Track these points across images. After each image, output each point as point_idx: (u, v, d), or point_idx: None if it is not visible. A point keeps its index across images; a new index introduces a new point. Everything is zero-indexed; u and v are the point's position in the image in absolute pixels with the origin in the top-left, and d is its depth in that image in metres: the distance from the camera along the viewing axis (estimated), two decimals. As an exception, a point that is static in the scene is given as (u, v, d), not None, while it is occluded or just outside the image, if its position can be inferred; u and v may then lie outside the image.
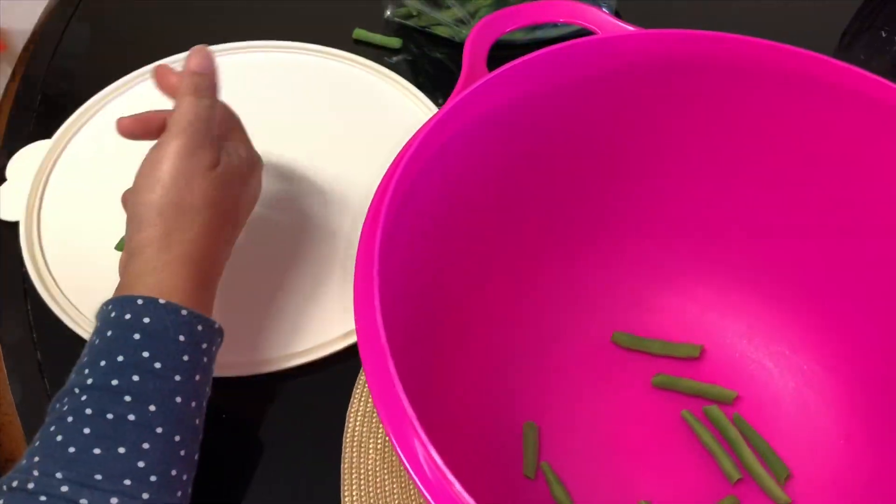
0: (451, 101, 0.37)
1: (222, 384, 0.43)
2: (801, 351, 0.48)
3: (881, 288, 0.44)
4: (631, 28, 0.42)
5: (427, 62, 0.68)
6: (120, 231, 0.42)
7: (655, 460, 0.45)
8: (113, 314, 0.37)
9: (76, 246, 0.52)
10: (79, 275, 0.51)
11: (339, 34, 0.68)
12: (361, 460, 0.45)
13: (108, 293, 0.49)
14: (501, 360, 0.48)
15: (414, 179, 0.36)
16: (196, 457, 0.38)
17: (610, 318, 0.50)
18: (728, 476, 0.44)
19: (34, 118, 0.60)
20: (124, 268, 0.40)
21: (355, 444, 0.45)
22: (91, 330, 0.46)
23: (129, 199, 0.41)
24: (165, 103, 0.44)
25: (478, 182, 0.42)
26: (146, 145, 0.42)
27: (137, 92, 0.62)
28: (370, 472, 0.44)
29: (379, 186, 0.35)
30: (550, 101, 0.41)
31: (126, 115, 0.43)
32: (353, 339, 0.49)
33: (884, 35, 0.80)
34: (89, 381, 0.35)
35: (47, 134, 0.58)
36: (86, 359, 0.37)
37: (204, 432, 0.39)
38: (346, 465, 0.44)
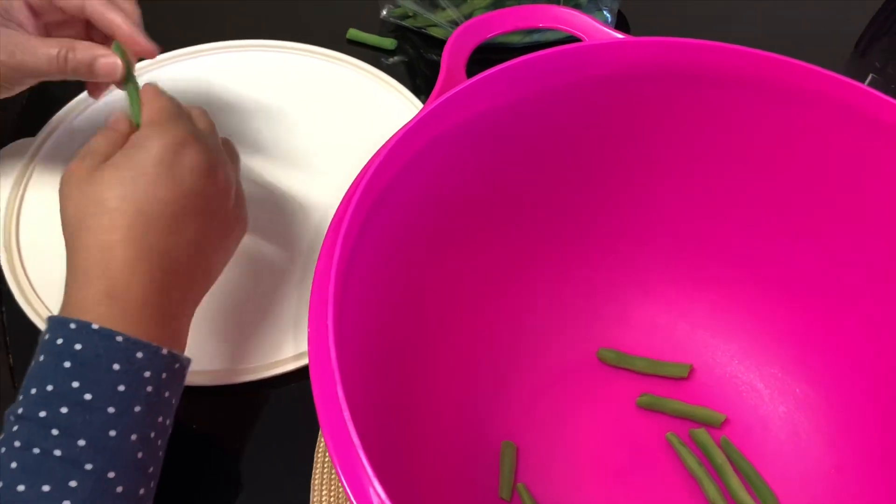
0: (426, 108, 0.36)
1: (195, 393, 0.42)
2: (794, 373, 0.46)
3: (881, 312, 0.42)
4: (617, 35, 0.40)
5: (423, 64, 0.67)
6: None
7: (638, 484, 0.43)
8: (47, 336, 0.35)
9: (57, 250, 0.51)
10: (58, 279, 0.50)
11: (333, 34, 0.67)
12: (332, 474, 0.43)
13: None
14: (480, 377, 0.46)
15: (383, 189, 0.35)
16: (144, 491, 0.35)
17: (595, 333, 0.48)
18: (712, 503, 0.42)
19: (18, 115, 0.59)
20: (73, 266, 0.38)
21: (327, 457, 0.44)
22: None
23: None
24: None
25: (453, 194, 0.40)
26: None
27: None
28: (341, 487, 0.43)
29: (343, 197, 0.34)
30: (531, 108, 0.40)
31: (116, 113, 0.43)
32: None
33: None
34: (20, 411, 0.33)
35: (31, 132, 0.57)
36: (24, 383, 0.35)
37: (169, 447, 0.38)
38: (316, 481, 0.43)
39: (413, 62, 0.67)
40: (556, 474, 0.44)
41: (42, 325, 0.47)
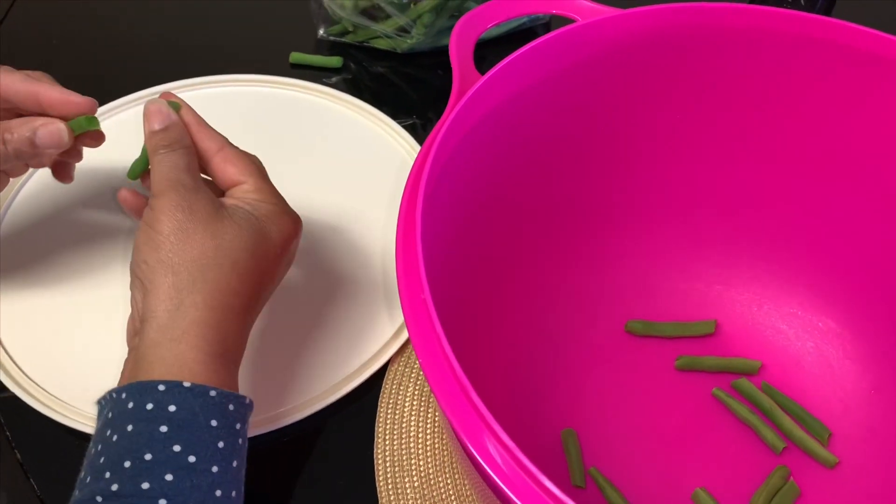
0: (454, 105, 0.35)
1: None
2: (811, 308, 0.48)
3: (879, 236, 0.45)
4: (610, 10, 0.41)
5: (369, 77, 0.66)
6: (81, 297, 0.37)
7: (698, 445, 0.44)
8: (130, 405, 0.32)
9: (36, 320, 0.47)
10: (45, 354, 0.46)
11: (275, 61, 0.65)
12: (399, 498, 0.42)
13: (81, 367, 0.45)
14: (521, 367, 0.46)
15: (431, 192, 0.34)
16: None
17: (619, 308, 0.49)
18: (772, 447, 0.43)
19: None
20: (134, 337, 0.36)
21: (390, 485, 0.42)
22: (64, 412, 0.43)
23: (134, 265, 0.37)
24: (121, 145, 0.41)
25: (484, 186, 0.40)
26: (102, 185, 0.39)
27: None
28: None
29: (402, 206, 0.33)
30: (543, 93, 0.40)
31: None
32: (362, 378, 0.45)
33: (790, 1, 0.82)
34: (114, 488, 0.30)
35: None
36: (102, 459, 0.32)
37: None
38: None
39: (358, 77, 0.66)
40: (618, 452, 0.44)
41: (43, 410, 0.43)
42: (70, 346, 0.46)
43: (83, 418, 0.43)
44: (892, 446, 0.43)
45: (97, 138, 0.44)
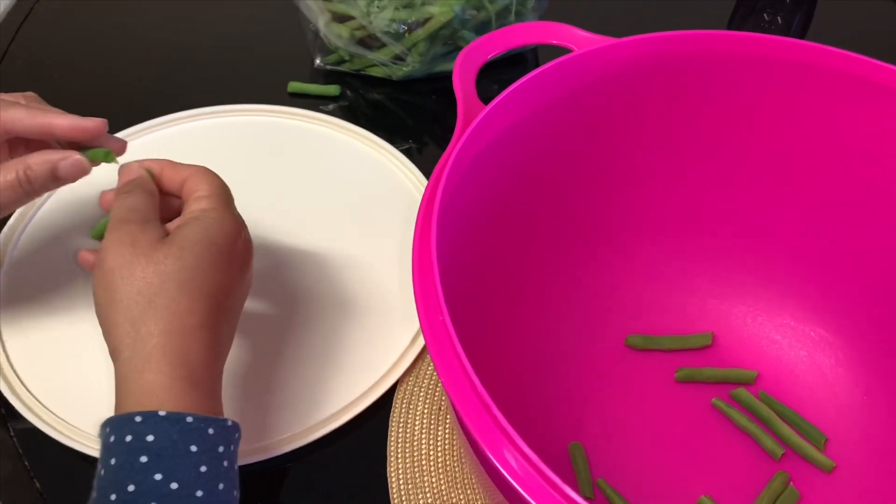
0: (461, 133, 0.37)
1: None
2: (803, 319, 0.50)
3: (867, 249, 0.47)
4: (605, 39, 0.43)
5: (365, 104, 0.67)
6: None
7: (700, 453, 0.46)
8: (112, 438, 0.33)
9: (51, 349, 0.48)
10: (60, 383, 0.47)
11: (274, 91, 0.67)
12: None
13: (96, 394, 0.45)
14: (527, 384, 0.47)
15: (442, 218, 0.35)
16: None
17: (619, 323, 0.50)
18: (772, 453, 0.45)
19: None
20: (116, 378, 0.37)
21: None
22: (80, 439, 0.44)
23: (96, 310, 0.38)
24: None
25: (490, 211, 0.41)
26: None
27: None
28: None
29: (417, 226, 0.34)
30: (543, 119, 0.42)
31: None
32: (373, 398, 0.47)
33: (767, 17, 0.85)
34: None
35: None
36: (94, 494, 0.33)
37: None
38: None
39: (354, 105, 0.67)
40: (624, 463, 0.45)
41: (59, 437, 0.43)
42: (85, 373, 0.47)
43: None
44: (886, 449, 0.45)
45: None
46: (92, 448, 0.43)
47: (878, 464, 0.44)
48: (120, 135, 0.61)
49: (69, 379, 0.47)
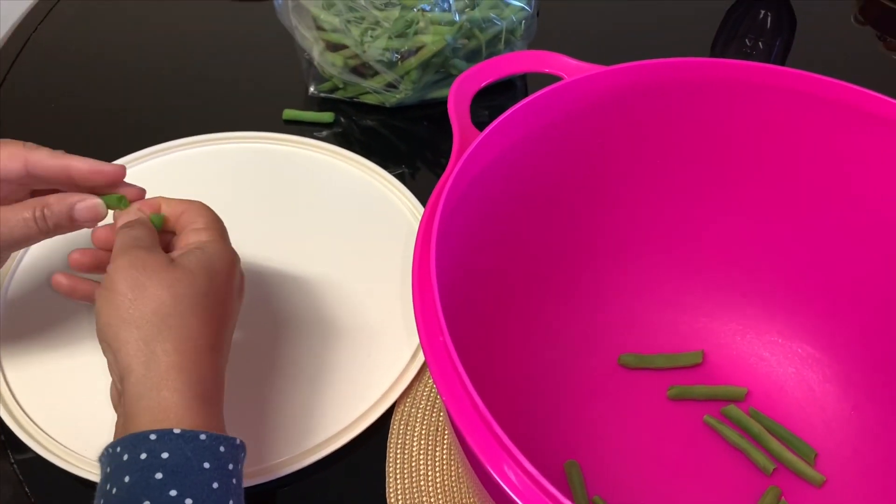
0: (457, 159, 0.38)
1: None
2: (791, 336, 0.51)
3: (850, 268, 0.48)
4: (595, 67, 0.44)
5: (359, 130, 0.69)
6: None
7: (694, 470, 0.46)
8: (126, 457, 0.34)
9: (54, 379, 0.48)
10: (58, 408, 0.47)
11: (269, 118, 0.68)
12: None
13: (88, 419, 0.46)
14: (523, 405, 0.48)
15: (440, 243, 0.36)
16: None
17: (612, 342, 0.51)
18: (763, 469, 0.46)
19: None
20: (119, 398, 0.37)
21: (404, 522, 0.44)
22: (80, 464, 0.44)
23: (99, 331, 0.39)
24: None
25: (485, 233, 0.42)
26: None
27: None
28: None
29: (415, 255, 0.35)
30: (535, 144, 0.43)
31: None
32: (370, 420, 0.47)
33: (749, 42, 0.88)
34: None
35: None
36: None
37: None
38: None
39: (348, 131, 0.69)
40: (619, 480, 0.46)
41: (61, 464, 0.44)
42: (84, 399, 0.47)
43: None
44: (874, 462, 0.46)
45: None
46: (92, 473, 0.44)
47: (867, 477, 0.45)
48: (117, 162, 0.61)
49: (69, 405, 0.47)
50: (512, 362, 0.48)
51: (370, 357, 0.51)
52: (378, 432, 0.48)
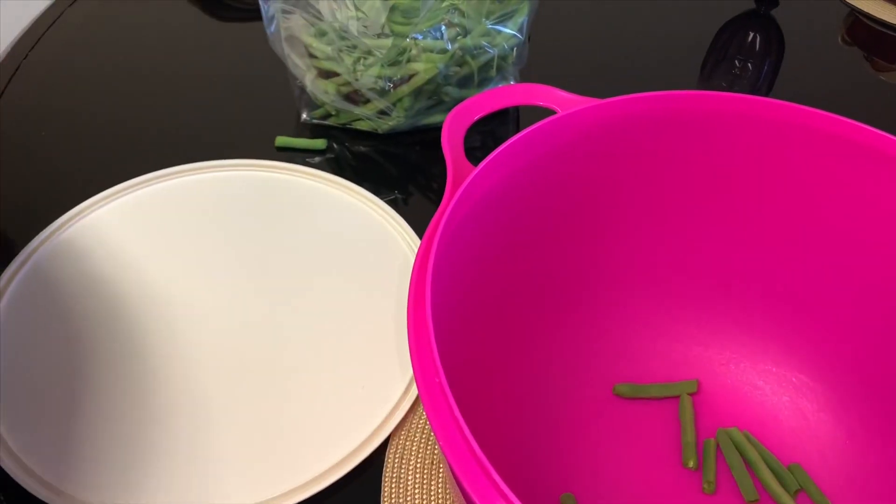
0: (451, 193, 0.38)
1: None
2: (785, 364, 0.51)
3: (843, 297, 0.48)
4: (587, 100, 0.44)
5: (351, 157, 0.69)
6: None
7: (693, 500, 0.46)
8: None
9: (37, 412, 0.48)
10: (46, 444, 0.47)
11: (261, 145, 0.68)
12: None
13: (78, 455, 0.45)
14: (518, 439, 0.48)
15: (435, 280, 0.36)
16: None
17: (607, 373, 0.51)
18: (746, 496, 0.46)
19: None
20: None
21: (399, 558, 0.44)
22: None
23: None
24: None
25: (479, 267, 0.42)
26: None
27: (67, 238, 0.58)
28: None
29: (411, 288, 0.35)
30: (529, 177, 0.43)
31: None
32: (362, 457, 0.47)
33: (738, 64, 0.88)
34: None
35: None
36: None
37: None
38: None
39: (341, 158, 0.69)
40: (615, 512, 0.46)
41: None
42: (74, 433, 0.47)
43: (94, 508, 0.44)
44: (869, 492, 0.46)
45: None
46: (84, 511, 0.43)
47: (863, 507, 0.45)
48: (108, 192, 0.61)
49: (58, 440, 0.47)
50: (508, 395, 0.48)
51: (364, 389, 0.50)
52: (372, 465, 0.47)
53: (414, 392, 0.50)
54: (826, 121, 0.43)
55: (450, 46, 0.62)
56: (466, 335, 0.42)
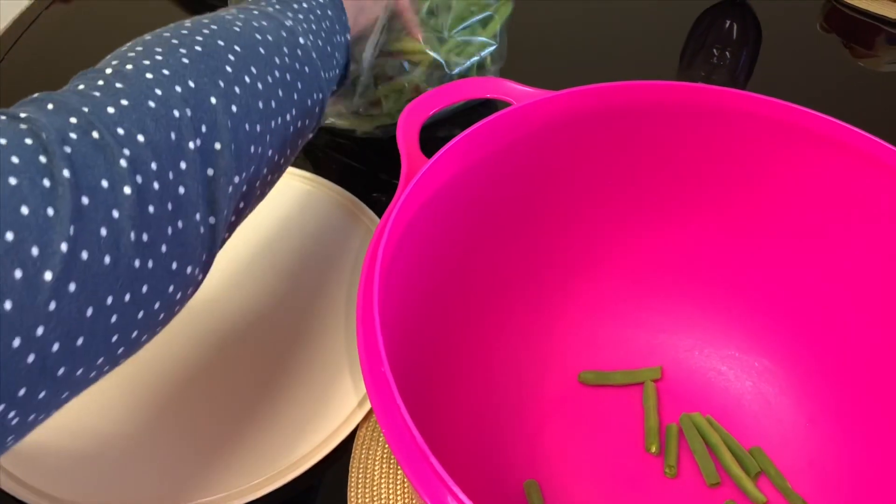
0: (404, 187, 0.39)
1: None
2: (748, 350, 0.51)
3: (804, 282, 0.49)
4: (541, 92, 0.45)
5: (330, 157, 0.69)
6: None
7: (657, 486, 0.47)
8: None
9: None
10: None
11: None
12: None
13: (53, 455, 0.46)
14: (481, 425, 0.49)
15: (387, 268, 0.37)
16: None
17: (571, 360, 0.52)
18: (707, 481, 0.46)
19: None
20: None
21: (365, 546, 0.44)
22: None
23: None
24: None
25: (436, 257, 0.43)
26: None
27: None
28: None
29: (362, 279, 0.36)
30: (484, 170, 0.44)
31: None
32: (331, 446, 0.48)
33: (716, 52, 0.89)
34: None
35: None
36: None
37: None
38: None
39: (319, 156, 0.69)
40: (580, 498, 0.46)
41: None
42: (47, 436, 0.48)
43: None
44: (829, 476, 0.46)
45: None
46: (57, 504, 0.44)
47: (823, 492, 0.46)
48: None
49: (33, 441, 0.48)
50: (472, 384, 0.49)
51: (330, 382, 0.51)
52: (340, 458, 0.48)
53: (382, 383, 0.51)
54: (776, 108, 0.43)
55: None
56: (427, 326, 0.43)
